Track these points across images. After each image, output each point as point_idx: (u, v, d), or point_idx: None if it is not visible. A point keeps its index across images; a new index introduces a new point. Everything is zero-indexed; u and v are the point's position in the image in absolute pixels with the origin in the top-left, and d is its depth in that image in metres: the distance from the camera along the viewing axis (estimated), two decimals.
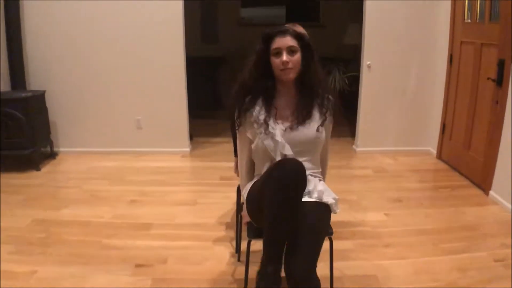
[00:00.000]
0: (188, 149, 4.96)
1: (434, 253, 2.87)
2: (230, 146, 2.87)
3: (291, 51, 1.91)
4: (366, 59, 4.71)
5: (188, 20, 4.60)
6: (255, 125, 1.97)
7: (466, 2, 4.12)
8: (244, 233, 2.38)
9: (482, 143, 3.89)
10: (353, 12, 6.96)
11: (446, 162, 4.64)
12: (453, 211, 3.52)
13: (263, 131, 1.94)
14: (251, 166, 2.18)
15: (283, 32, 1.91)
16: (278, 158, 1.93)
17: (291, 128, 1.98)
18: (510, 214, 3.41)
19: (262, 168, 2.04)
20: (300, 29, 2.39)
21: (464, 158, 4.23)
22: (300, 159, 1.87)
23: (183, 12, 4.52)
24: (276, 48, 1.91)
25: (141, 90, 4.72)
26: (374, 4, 4.55)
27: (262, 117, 1.95)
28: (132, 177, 4.22)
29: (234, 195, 3.02)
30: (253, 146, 2.04)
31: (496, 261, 2.78)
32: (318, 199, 1.91)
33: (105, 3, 4.42)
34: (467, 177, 4.18)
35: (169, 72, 4.66)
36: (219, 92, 6.94)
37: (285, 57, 1.89)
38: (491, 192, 3.73)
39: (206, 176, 4.30)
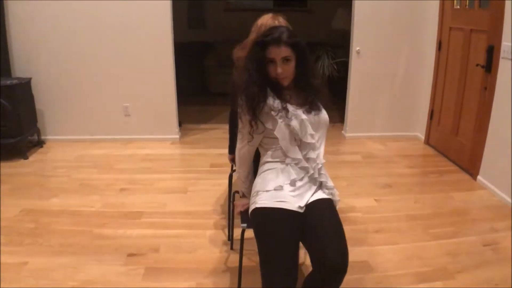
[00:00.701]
0: (177, 136, 4.93)
1: (424, 238, 2.91)
2: (220, 133, 2.87)
3: (285, 59, 1.90)
4: (356, 45, 4.70)
5: (175, 5, 4.53)
6: (273, 113, 1.91)
7: None
8: (237, 221, 2.39)
9: (470, 128, 3.92)
10: None
11: (434, 148, 4.68)
12: (442, 196, 3.56)
13: (285, 115, 1.91)
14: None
15: (278, 42, 1.87)
16: (305, 138, 1.94)
17: (308, 112, 1.98)
18: (498, 198, 3.48)
19: (274, 154, 2.01)
20: (281, 21, 2.37)
21: (452, 144, 4.26)
22: (317, 146, 2.00)
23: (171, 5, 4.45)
24: (270, 58, 1.90)
25: (129, 77, 4.66)
26: None
27: (278, 104, 1.92)
28: (121, 165, 4.19)
29: (225, 182, 3.01)
30: (275, 132, 1.94)
31: (484, 245, 2.83)
32: (329, 195, 2.01)
33: None
34: (455, 162, 4.22)
35: (157, 58, 4.61)
36: (207, 78, 6.89)
37: (279, 69, 1.90)
38: (479, 177, 3.77)
39: (196, 164, 4.28)
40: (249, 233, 1.99)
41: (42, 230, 2.95)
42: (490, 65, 3.51)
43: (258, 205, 1.89)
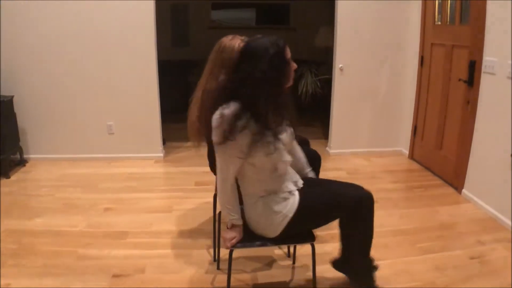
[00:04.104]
0: (161, 155, 4.90)
1: (412, 253, 2.91)
2: (204, 151, 2.83)
3: None
4: (338, 62, 4.74)
5: (158, 24, 4.53)
6: (260, 144, 1.87)
7: (437, 4, 4.20)
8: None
9: (454, 142, 3.97)
10: (323, 15, 7.03)
11: (418, 162, 4.71)
12: (428, 211, 3.58)
13: (274, 147, 1.91)
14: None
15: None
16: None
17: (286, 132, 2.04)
18: (483, 211, 3.51)
19: (260, 185, 2.02)
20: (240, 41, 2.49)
21: (436, 158, 4.30)
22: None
23: (155, 15, 4.45)
24: (289, 58, 1.94)
25: (113, 95, 4.63)
26: (346, 6, 4.58)
27: (269, 132, 1.89)
28: (105, 184, 4.13)
29: (210, 201, 2.98)
30: (258, 163, 1.94)
31: (471, 258, 2.85)
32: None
33: (75, 6, 4.31)
34: (439, 176, 4.26)
35: (141, 76, 4.59)
36: (191, 95, 6.86)
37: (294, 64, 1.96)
38: (464, 191, 3.80)
39: (180, 182, 4.24)
40: (236, 253, 1.97)
41: (25, 251, 2.88)
42: (472, 79, 3.57)
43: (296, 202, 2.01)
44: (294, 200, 2.03)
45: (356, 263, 2.28)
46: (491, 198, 3.47)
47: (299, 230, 2.10)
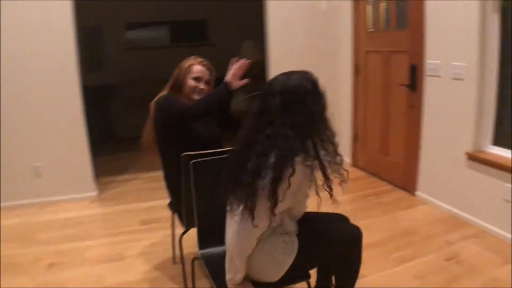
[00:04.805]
0: (95, 193, 4.47)
1: (388, 266, 2.84)
2: (140, 183, 2.60)
3: None
4: (272, 75, 4.64)
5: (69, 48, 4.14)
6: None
7: (368, 12, 4.25)
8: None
9: (400, 147, 4.00)
10: (244, 29, 6.96)
11: (362, 169, 4.72)
12: (388, 218, 3.55)
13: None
14: None
15: None
16: None
17: None
18: (441, 210, 3.57)
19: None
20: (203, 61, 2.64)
21: (383, 163, 4.32)
22: None
23: (75, 40, 4.08)
24: None
25: (36, 134, 4.14)
26: (276, 19, 4.52)
27: None
28: (43, 235, 3.64)
29: (163, 241, 2.73)
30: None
31: (447, 260, 2.84)
32: None
33: None
34: (389, 182, 4.27)
35: (64, 108, 4.15)
36: (113, 123, 6.48)
37: None
38: (418, 193, 3.84)
39: (124, 223, 3.86)
40: None
41: None
42: (414, 83, 3.61)
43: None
44: (294, 244, 1.90)
45: None
46: (447, 196, 3.53)
47: (298, 272, 1.96)
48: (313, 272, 2.14)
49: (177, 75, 2.57)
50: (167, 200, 2.77)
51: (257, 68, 5.30)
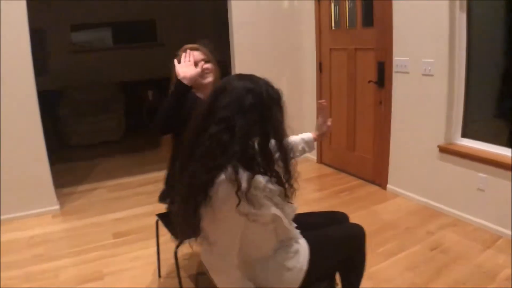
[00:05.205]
0: (57, 207, 4.20)
1: (378, 260, 2.89)
2: (105, 193, 2.47)
3: None
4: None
5: None
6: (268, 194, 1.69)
7: (332, 10, 4.31)
8: None
9: (369, 142, 4.09)
10: (197, 28, 6.86)
11: (329, 166, 4.80)
12: (366, 213, 3.62)
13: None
14: None
15: None
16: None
17: None
18: (415, 202, 3.69)
19: (268, 243, 1.78)
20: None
21: (350, 159, 4.41)
22: None
23: (30, 44, 3.78)
24: None
25: None
26: (239, 17, 4.49)
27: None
28: (8, 258, 3.32)
29: (143, 254, 2.61)
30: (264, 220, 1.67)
31: (432, 250, 2.95)
32: None
33: None
34: (358, 177, 4.37)
35: (18, 115, 3.85)
36: (62, 130, 6.17)
37: None
38: (389, 186, 3.95)
39: (96, 238, 3.61)
40: None
41: None
42: (382, 80, 3.70)
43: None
44: (304, 250, 1.86)
45: None
46: (419, 188, 3.66)
47: (315, 278, 1.92)
48: None
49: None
50: (137, 209, 2.62)
51: (220, 67, 5.26)
